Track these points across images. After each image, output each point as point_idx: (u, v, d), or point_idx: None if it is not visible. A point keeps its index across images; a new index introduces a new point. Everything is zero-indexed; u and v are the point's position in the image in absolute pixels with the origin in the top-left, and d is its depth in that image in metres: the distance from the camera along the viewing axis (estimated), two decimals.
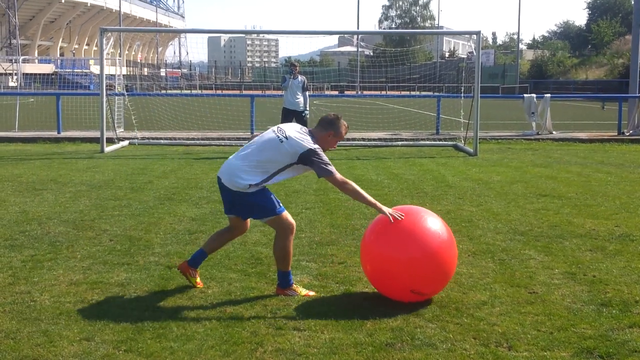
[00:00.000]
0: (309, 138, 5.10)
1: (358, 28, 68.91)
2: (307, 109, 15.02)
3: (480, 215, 8.30)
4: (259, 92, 53.35)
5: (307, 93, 15.00)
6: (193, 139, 18.22)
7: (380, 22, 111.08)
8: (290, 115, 14.57)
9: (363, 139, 18.20)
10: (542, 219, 8.10)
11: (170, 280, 5.61)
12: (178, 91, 64.93)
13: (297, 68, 15.12)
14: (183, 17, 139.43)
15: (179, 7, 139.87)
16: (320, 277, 5.76)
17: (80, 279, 5.62)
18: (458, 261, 6.19)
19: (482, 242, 6.98)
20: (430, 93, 39.41)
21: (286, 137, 5.07)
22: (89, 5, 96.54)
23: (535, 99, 19.47)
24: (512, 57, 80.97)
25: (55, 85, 53.89)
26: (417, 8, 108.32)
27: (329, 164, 5.05)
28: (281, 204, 5.23)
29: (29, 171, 12.05)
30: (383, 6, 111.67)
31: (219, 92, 64.51)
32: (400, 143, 17.61)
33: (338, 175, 5.05)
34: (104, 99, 15.73)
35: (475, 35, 16.38)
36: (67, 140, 17.80)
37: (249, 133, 18.48)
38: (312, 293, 5.27)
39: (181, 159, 14.27)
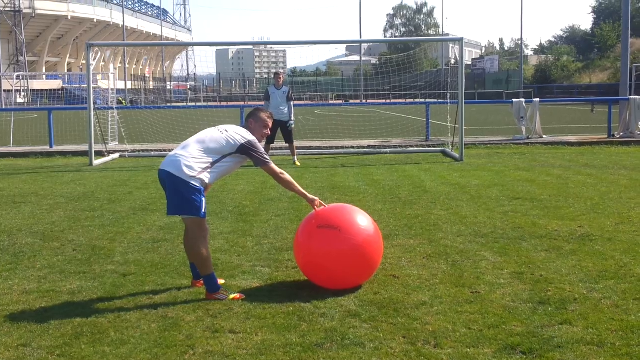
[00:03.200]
0: (247, 132, 5.57)
1: (360, 37, 69.07)
2: (292, 119, 14.99)
3: (447, 219, 8.35)
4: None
5: (292, 103, 14.97)
6: None
7: (385, 30, 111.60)
8: (276, 125, 14.20)
9: (352, 147, 18.24)
10: (508, 221, 8.14)
11: (121, 288, 5.71)
12: (183, 104, 65.36)
13: (282, 78, 15.06)
14: (190, 31, 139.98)
15: (185, 21, 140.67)
16: (271, 281, 5.85)
17: (34, 288, 5.73)
18: (411, 264, 6.32)
19: (440, 244, 7.03)
20: (434, 100, 39.28)
21: (226, 130, 5.53)
22: (95, 21, 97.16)
23: (524, 104, 19.49)
24: (516, 62, 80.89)
25: (63, 100, 54.26)
26: (422, 16, 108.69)
27: (266, 155, 5.54)
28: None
29: (13, 185, 12.19)
30: (388, 15, 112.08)
31: (223, 104, 64.96)
32: (388, 150, 17.61)
33: (274, 165, 5.53)
34: (92, 112, 15.88)
35: (458, 42, 16.50)
36: (59, 154, 17.93)
37: None
38: (240, 296, 5.36)
39: None
